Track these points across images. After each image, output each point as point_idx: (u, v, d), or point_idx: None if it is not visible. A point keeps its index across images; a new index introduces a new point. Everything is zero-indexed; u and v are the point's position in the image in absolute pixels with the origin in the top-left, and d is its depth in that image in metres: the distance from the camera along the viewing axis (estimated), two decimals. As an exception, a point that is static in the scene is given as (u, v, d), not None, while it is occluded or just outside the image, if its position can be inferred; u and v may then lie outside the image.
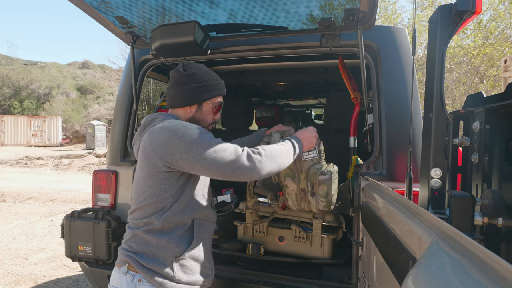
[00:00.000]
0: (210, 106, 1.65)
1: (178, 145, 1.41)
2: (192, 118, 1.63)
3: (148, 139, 1.50)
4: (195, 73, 1.59)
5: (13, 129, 25.58)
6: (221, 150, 1.41)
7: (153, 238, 1.47)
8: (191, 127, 1.45)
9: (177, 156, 1.41)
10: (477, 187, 1.37)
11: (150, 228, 1.48)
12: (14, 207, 7.47)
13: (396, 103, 2.00)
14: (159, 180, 1.48)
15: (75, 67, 45.03)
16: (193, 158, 1.40)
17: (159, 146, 1.44)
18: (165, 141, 1.43)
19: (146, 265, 1.45)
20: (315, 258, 2.16)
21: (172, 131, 1.43)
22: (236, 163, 1.40)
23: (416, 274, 0.78)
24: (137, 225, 1.51)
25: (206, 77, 1.62)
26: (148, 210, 1.49)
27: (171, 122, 1.49)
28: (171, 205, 1.49)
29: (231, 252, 2.29)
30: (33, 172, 13.06)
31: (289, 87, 4.12)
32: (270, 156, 1.47)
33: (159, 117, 1.58)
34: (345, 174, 2.18)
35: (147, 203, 1.49)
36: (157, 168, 1.47)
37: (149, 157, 1.49)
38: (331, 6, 1.85)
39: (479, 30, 11.48)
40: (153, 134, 1.49)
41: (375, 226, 1.37)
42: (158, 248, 1.47)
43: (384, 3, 13.56)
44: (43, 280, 3.90)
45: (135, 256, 1.47)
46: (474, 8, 1.21)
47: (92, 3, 1.84)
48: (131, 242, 1.51)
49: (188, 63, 1.64)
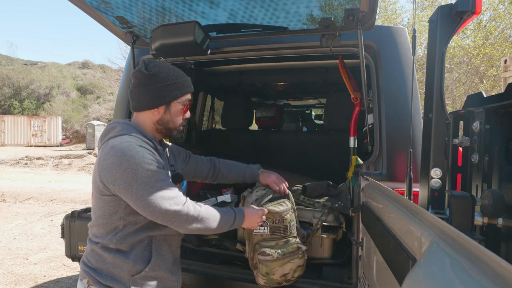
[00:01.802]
0: (179, 105, 1.54)
1: (120, 177, 1.34)
2: (160, 120, 1.53)
3: (99, 156, 1.43)
4: (160, 72, 1.47)
5: (13, 129, 25.57)
6: (160, 197, 1.37)
7: (109, 256, 1.43)
8: (140, 158, 1.36)
9: (116, 187, 1.36)
10: (477, 187, 1.37)
11: (105, 246, 1.44)
12: (14, 207, 7.47)
13: (396, 103, 2.00)
14: (106, 201, 1.43)
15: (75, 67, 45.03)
16: (130, 196, 1.36)
17: (103, 170, 1.39)
18: (109, 166, 1.36)
19: (103, 282, 1.42)
20: (315, 258, 2.16)
21: (118, 158, 1.35)
22: (170, 215, 1.39)
23: (416, 274, 0.78)
24: (95, 241, 1.48)
25: (171, 75, 1.50)
26: (101, 230, 1.46)
27: (123, 144, 1.38)
28: (124, 226, 1.43)
29: (231, 252, 2.29)
30: (33, 172, 13.06)
31: (289, 87, 4.12)
32: (206, 219, 1.47)
33: (118, 126, 1.48)
34: (345, 174, 2.18)
35: (100, 223, 1.46)
36: (101, 191, 1.43)
37: (94, 177, 1.45)
38: (331, 6, 1.85)
39: (479, 30, 11.48)
40: (103, 153, 1.41)
41: (375, 226, 1.37)
42: (115, 266, 1.43)
43: (384, 3, 13.56)
44: (43, 280, 3.90)
45: (92, 272, 1.45)
46: (474, 8, 1.21)
47: (92, 3, 1.84)
48: (90, 257, 1.48)
49: (150, 62, 1.51)
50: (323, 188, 2.38)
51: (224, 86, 3.84)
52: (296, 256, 1.81)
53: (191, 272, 2.12)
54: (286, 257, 1.78)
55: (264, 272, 1.81)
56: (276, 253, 1.77)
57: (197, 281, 2.13)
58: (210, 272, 2.14)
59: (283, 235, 1.81)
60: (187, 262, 2.13)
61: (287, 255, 1.79)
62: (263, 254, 1.78)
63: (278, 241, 1.80)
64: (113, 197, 1.41)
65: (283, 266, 1.79)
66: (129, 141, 1.40)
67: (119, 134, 1.45)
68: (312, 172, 3.22)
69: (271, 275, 1.80)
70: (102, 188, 1.41)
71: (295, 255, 1.81)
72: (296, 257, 1.81)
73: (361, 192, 1.86)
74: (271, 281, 1.83)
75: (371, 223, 1.48)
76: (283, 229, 1.80)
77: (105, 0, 1.81)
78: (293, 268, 1.82)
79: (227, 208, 1.61)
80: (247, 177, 1.97)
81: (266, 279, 1.82)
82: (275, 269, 1.79)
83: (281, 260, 1.78)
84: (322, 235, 2.12)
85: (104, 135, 1.50)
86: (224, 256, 2.29)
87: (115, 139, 1.42)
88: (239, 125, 3.58)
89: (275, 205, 1.81)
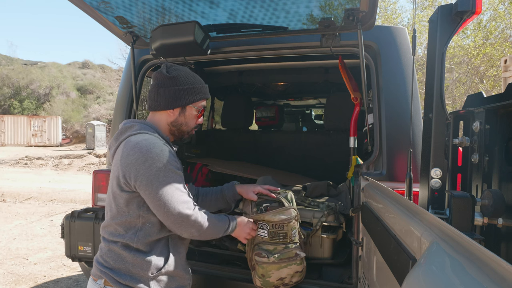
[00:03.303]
0: (194, 110, 1.60)
1: (143, 172, 1.38)
2: (175, 121, 1.58)
3: (121, 153, 1.46)
4: (179, 76, 1.55)
5: (13, 129, 25.58)
6: (176, 199, 1.42)
7: (129, 255, 1.44)
8: (165, 158, 1.41)
9: (138, 183, 1.40)
10: (477, 187, 1.37)
11: (126, 245, 1.46)
12: (14, 207, 7.47)
13: (396, 103, 2.00)
14: (125, 199, 1.45)
15: (75, 67, 44.99)
16: (149, 193, 1.40)
17: (126, 166, 1.41)
18: (133, 162, 1.40)
19: (123, 282, 1.43)
20: (315, 258, 2.16)
21: (143, 155, 1.39)
22: (181, 217, 1.42)
23: (416, 274, 0.78)
24: (113, 240, 1.48)
25: (190, 80, 1.57)
26: (119, 228, 1.47)
27: (148, 141, 1.43)
28: (143, 224, 1.46)
29: (232, 252, 2.29)
30: (33, 172, 13.06)
31: (289, 87, 4.12)
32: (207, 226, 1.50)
33: (136, 125, 1.53)
34: (345, 174, 2.18)
35: (118, 221, 1.47)
36: (121, 187, 1.45)
37: (116, 172, 1.46)
38: (331, 6, 1.85)
39: (479, 30, 11.48)
40: (126, 149, 1.45)
41: (375, 226, 1.37)
42: (134, 265, 1.44)
43: (384, 3, 13.57)
44: (43, 280, 3.90)
45: (110, 272, 1.45)
46: (474, 8, 1.21)
47: (92, 3, 1.84)
48: (107, 257, 1.48)
49: (172, 65, 1.59)
50: (323, 188, 2.38)
51: (224, 86, 3.84)
52: (294, 262, 1.80)
53: (193, 272, 2.12)
54: (282, 262, 1.78)
55: (260, 274, 1.81)
56: (272, 256, 1.77)
57: (198, 281, 2.13)
58: (211, 272, 2.14)
59: (283, 241, 1.79)
60: (189, 262, 2.13)
61: (284, 260, 1.78)
62: (259, 255, 1.78)
63: (277, 246, 1.79)
64: (132, 194, 1.44)
65: (279, 270, 1.79)
66: (152, 139, 1.45)
67: (139, 132, 1.49)
68: (312, 172, 3.22)
69: (267, 277, 1.80)
70: (123, 184, 1.43)
71: (292, 261, 1.80)
72: (294, 263, 1.80)
73: (361, 192, 1.86)
74: (268, 284, 1.82)
75: (371, 223, 1.48)
76: (283, 235, 1.79)
77: (105, 0, 1.81)
78: (290, 273, 1.81)
79: (222, 216, 1.64)
80: (225, 193, 1.90)
81: (262, 281, 1.82)
82: (271, 272, 1.79)
83: (277, 264, 1.78)
84: (322, 235, 2.12)
85: (121, 133, 1.53)
86: (224, 256, 2.29)
87: (137, 137, 1.46)
88: (239, 125, 3.58)
89: (276, 214, 1.78)
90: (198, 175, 3.16)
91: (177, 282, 1.55)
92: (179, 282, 1.56)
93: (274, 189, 1.88)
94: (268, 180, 2.14)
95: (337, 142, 3.08)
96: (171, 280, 1.52)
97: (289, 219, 1.78)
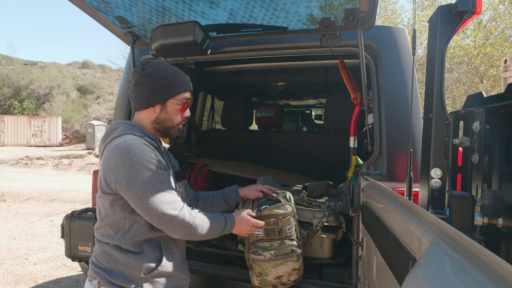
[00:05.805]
0: (175, 104, 1.55)
1: (122, 174, 1.37)
2: (157, 119, 1.55)
3: (104, 156, 1.46)
4: (154, 72, 1.50)
5: (13, 129, 25.58)
6: (159, 199, 1.39)
7: (121, 255, 1.44)
8: (143, 157, 1.39)
9: (118, 185, 1.39)
10: (477, 187, 1.37)
11: (117, 246, 1.46)
12: (14, 207, 7.47)
13: (396, 103, 2.00)
14: (109, 201, 1.45)
15: (75, 67, 45.00)
16: (130, 194, 1.38)
17: (107, 169, 1.41)
18: (113, 164, 1.39)
19: (115, 282, 1.43)
20: (315, 258, 2.16)
21: (121, 157, 1.37)
22: (166, 219, 1.41)
23: (416, 274, 0.78)
24: (105, 241, 1.48)
25: (166, 74, 1.51)
26: (109, 230, 1.47)
27: (127, 142, 1.41)
28: (130, 226, 1.45)
29: (232, 252, 2.29)
30: (33, 172, 13.05)
31: (289, 87, 4.12)
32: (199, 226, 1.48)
33: (120, 126, 1.51)
34: (345, 174, 2.18)
35: (106, 223, 1.47)
36: (104, 190, 1.45)
37: (99, 176, 1.46)
38: (331, 6, 1.85)
39: (479, 30, 11.48)
40: (108, 151, 1.44)
41: (375, 226, 1.37)
42: (127, 266, 1.44)
43: (384, 3, 13.56)
44: (43, 280, 3.90)
45: (103, 273, 1.45)
46: (474, 8, 1.21)
47: (92, 3, 1.84)
48: (100, 258, 1.48)
49: (147, 62, 1.53)
50: (323, 188, 2.38)
51: (224, 86, 3.84)
52: (290, 258, 1.80)
53: (192, 272, 2.12)
54: (278, 258, 1.78)
55: (257, 272, 1.81)
56: (268, 253, 1.77)
57: (198, 281, 2.13)
58: (211, 272, 2.14)
59: (278, 237, 1.80)
60: (189, 262, 2.13)
61: (280, 256, 1.78)
62: (255, 253, 1.79)
63: (273, 242, 1.80)
64: (115, 195, 1.43)
65: (276, 268, 1.79)
66: (132, 140, 1.43)
67: (122, 133, 1.47)
68: (312, 172, 3.22)
69: (264, 276, 1.80)
70: (105, 187, 1.43)
71: (289, 257, 1.79)
72: (290, 259, 1.80)
73: (361, 192, 1.86)
74: (265, 283, 1.82)
75: (371, 223, 1.48)
76: (278, 231, 1.80)
77: (105, 0, 1.82)
78: (288, 271, 1.81)
79: (218, 215, 1.62)
80: (227, 196, 1.91)
81: (260, 279, 1.82)
82: (268, 270, 1.79)
83: (274, 261, 1.78)
84: (322, 235, 2.12)
85: (107, 136, 1.52)
86: (224, 256, 2.29)
87: (118, 139, 1.45)
88: (239, 125, 3.58)
89: (273, 209, 1.80)
90: (198, 175, 3.16)
91: (172, 282, 1.54)
92: (174, 282, 1.55)
93: (273, 189, 1.90)
94: (268, 180, 2.15)
95: (337, 142, 3.08)
96: (165, 281, 1.51)
97: (284, 214, 1.79)
